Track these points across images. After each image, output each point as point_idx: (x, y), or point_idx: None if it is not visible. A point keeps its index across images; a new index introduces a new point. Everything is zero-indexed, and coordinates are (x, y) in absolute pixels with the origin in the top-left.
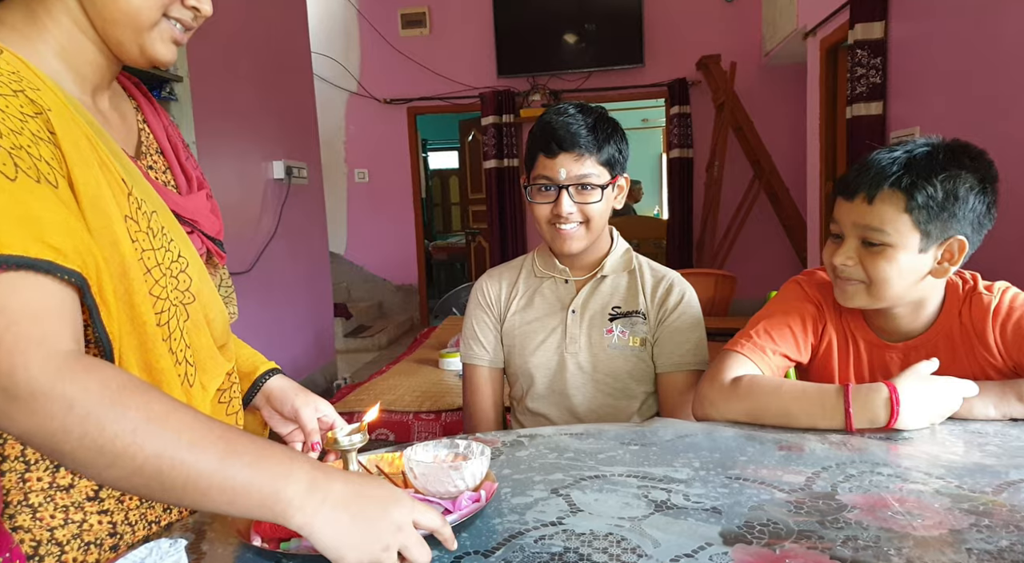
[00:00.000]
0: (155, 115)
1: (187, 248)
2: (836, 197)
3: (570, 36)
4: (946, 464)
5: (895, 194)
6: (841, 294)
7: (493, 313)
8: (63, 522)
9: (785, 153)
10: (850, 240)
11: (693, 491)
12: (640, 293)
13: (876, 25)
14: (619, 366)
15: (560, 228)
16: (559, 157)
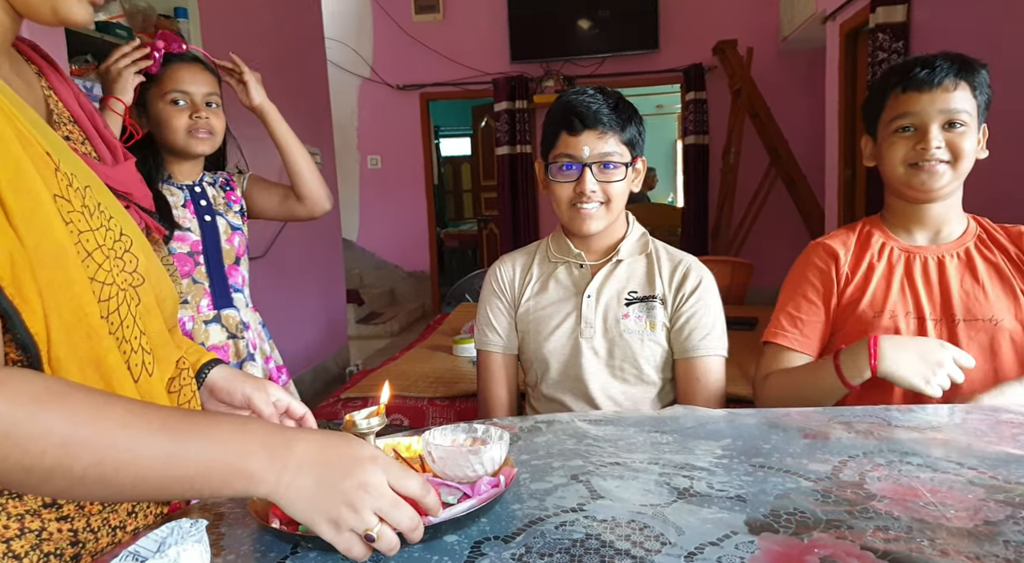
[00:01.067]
0: (62, 81)
1: (128, 225)
2: (898, 94)
3: (584, 21)
4: (978, 454)
5: (966, 83)
6: (929, 178)
7: (507, 299)
8: (19, 532)
9: (802, 140)
10: (932, 127)
11: (716, 479)
12: (657, 277)
13: (898, 8)
14: (635, 351)
15: (581, 208)
16: (583, 135)
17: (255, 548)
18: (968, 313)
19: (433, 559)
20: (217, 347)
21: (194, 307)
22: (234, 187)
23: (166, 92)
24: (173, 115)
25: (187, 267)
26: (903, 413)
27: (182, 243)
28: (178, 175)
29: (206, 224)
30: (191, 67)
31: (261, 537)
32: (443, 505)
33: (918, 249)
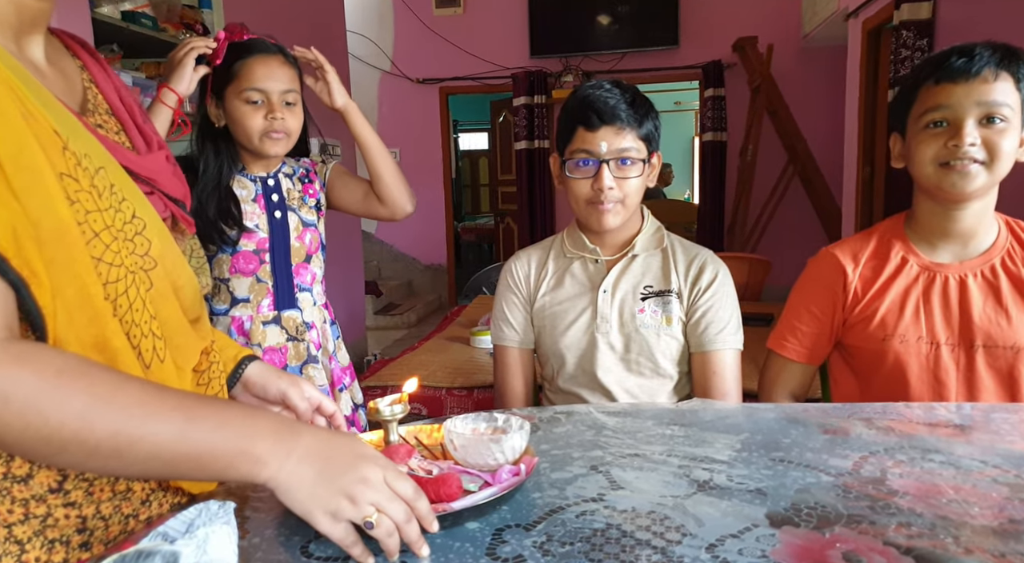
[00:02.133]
0: (105, 76)
1: (143, 208)
2: (931, 86)
3: (604, 17)
4: (1002, 453)
5: (1009, 74)
6: (960, 179)
7: (523, 294)
8: (23, 517)
9: (821, 138)
10: (968, 121)
11: (736, 472)
12: (673, 272)
13: (924, 5)
14: (651, 345)
15: (598, 204)
16: (600, 130)
17: (279, 532)
18: (988, 339)
19: (455, 546)
20: (274, 349)
21: (254, 306)
22: (314, 179)
23: (241, 90)
24: (247, 115)
25: (252, 265)
26: (924, 410)
27: (248, 240)
28: (252, 167)
29: (275, 221)
30: (268, 62)
31: (286, 521)
32: (464, 492)
33: (939, 267)
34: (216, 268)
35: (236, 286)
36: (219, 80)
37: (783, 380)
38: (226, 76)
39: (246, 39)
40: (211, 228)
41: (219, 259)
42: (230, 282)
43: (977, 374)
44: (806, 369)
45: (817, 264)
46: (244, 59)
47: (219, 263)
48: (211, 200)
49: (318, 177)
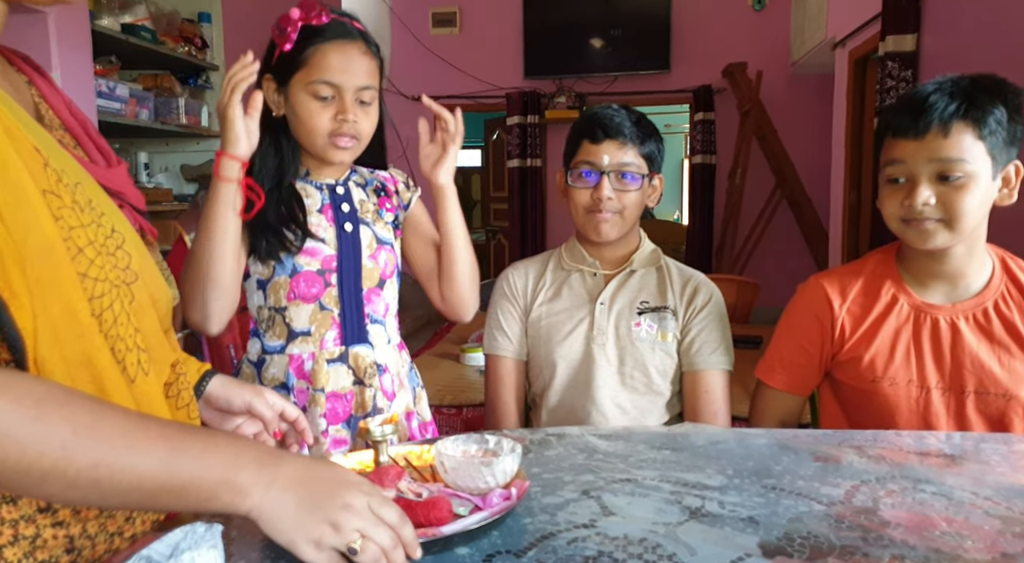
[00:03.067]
0: (53, 90)
1: (120, 222)
2: (889, 138)
3: (597, 40)
4: (993, 484)
5: (967, 124)
6: (919, 235)
7: (519, 304)
8: (12, 539)
9: (809, 163)
10: (923, 179)
11: (728, 499)
12: (669, 289)
13: (908, 38)
14: (646, 360)
15: (596, 214)
16: (604, 144)
17: (264, 555)
18: (979, 385)
19: None
20: (337, 394)
21: (317, 341)
22: (392, 194)
23: (310, 81)
24: (314, 112)
25: (315, 289)
26: (915, 439)
27: (311, 258)
28: (318, 172)
29: (345, 235)
30: (346, 49)
31: (273, 543)
32: (454, 516)
33: (931, 308)
34: (271, 295)
35: (295, 316)
36: (285, 65)
37: (772, 410)
38: (293, 62)
39: (325, 21)
40: (269, 235)
41: (275, 283)
42: (287, 311)
43: (967, 419)
44: (796, 399)
45: (805, 294)
46: (317, 44)
47: (275, 288)
48: (268, 202)
49: (398, 195)
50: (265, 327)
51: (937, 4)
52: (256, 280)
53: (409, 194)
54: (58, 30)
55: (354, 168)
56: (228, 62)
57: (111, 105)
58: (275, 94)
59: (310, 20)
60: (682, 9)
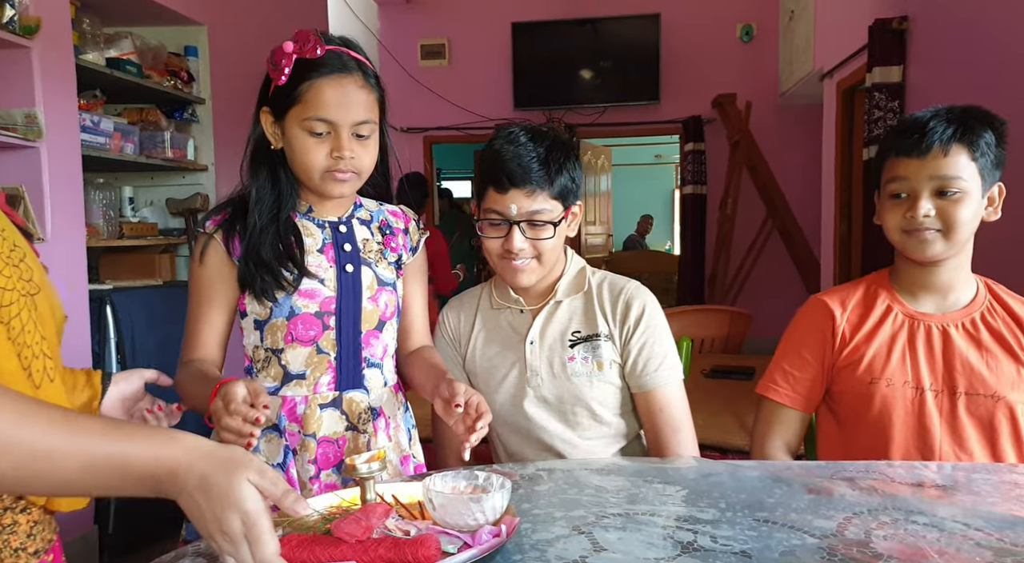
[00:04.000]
0: None
1: (19, 238)
2: (893, 158)
3: (586, 71)
4: (984, 515)
5: (963, 147)
6: (920, 245)
7: (457, 348)
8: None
9: (799, 193)
10: (924, 193)
11: (720, 533)
12: (599, 314)
13: (894, 69)
14: (586, 395)
15: (512, 262)
16: (510, 193)
17: None
18: (970, 387)
19: None
20: (329, 440)
21: (311, 385)
22: (398, 232)
23: (305, 117)
24: (309, 148)
25: (312, 332)
26: (906, 470)
27: (310, 300)
28: (320, 208)
29: (346, 276)
30: (342, 84)
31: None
32: (443, 554)
33: (923, 316)
34: (268, 336)
35: (291, 359)
36: (280, 99)
37: (776, 428)
38: (288, 97)
39: (320, 54)
40: (264, 272)
41: (273, 324)
42: (284, 354)
43: (960, 420)
44: (800, 417)
45: (806, 310)
46: (312, 79)
47: (272, 330)
48: (264, 238)
49: (406, 234)
50: (260, 367)
51: (922, 37)
52: (253, 320)
53: (419, 236)
54: (42, 65)
55: (359, 202)
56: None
57: (96, 139)
58: (272, 126)
59: (304, 53)
60: (671, 41)
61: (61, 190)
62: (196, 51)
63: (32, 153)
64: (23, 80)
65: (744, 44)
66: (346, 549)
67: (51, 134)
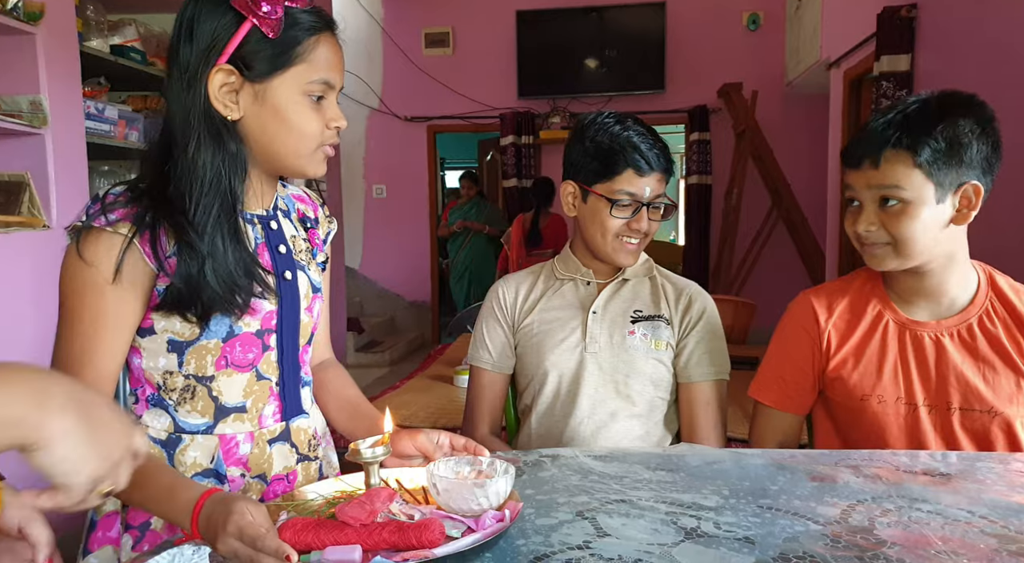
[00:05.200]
0: None
1: None
2: (846, 166)
3: (591, 60)
4: (989, 503)
5: (899, 153)
6: (871, 259)
7: (507, 317)
8: None
9: (805, 183)
10: (867, 204)
11: (724, 519)
12: (663, 299)
13: (902, 58)
14: (639, 368)
15: (627, 242)
16: (648, 176)
17: None
18: (964, 402)
19: None
20: (280, 477)
21: (254, 418)
22: (313, 222)
23: (311, 79)
24: (312, 117)
25: (251, 354)
26: (910, 458)
27: (252, 318)
28: (249, 200)
29: (287, 286)
30: (335, 42)
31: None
32: (447, 539)
33: (916, 325)
34: (192, 360)
35: (225, 388)
36: (267, 56)
37: (769, 431)
38: (283, 54)
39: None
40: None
41: (201, 347)
42: (215, 382)
43: (955, 436)
44: (793, 418)
45: (793, 309)
46: (316, 33)
47: (199, 353)
48: (217, 243)
49: (319, 228)
50: (179, 399)
51: (930, 24)
52: (168, 340)
53: (329, 226)
54: (46, 52)
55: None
56: None
57: (100, 127)
58: (228, 92)
59: (295, 2)
60: (677, 29)
61: (66, 177)
62: None
63: (37, 140)
64: (28, 67)
65: (751, 33)
66: (350, 533)
67: (56, 121)
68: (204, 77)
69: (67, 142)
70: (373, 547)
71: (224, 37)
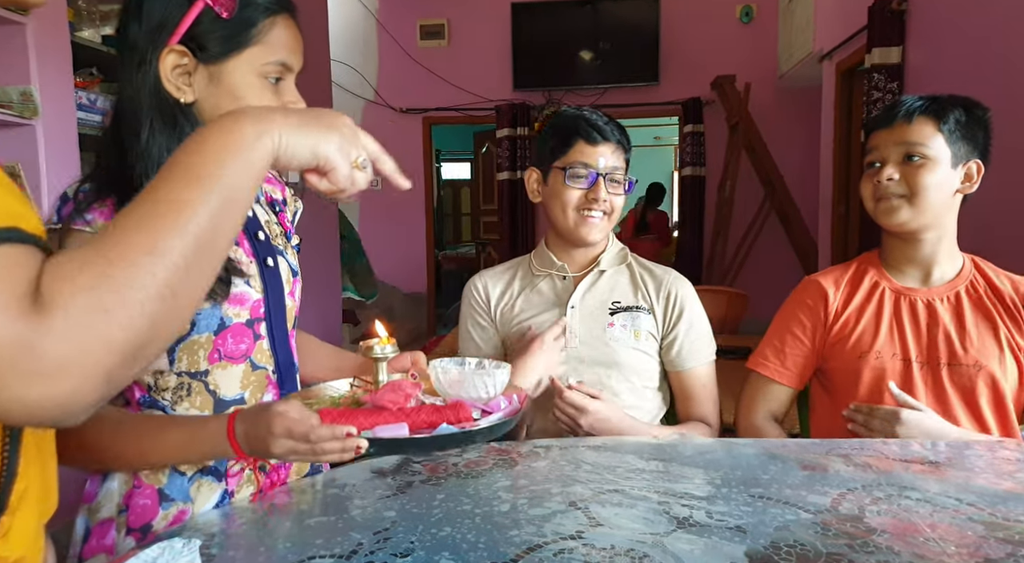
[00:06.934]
0: None
1: None
2: (872, 132)
3: (586, 53)
4: (977, 490)
5: (928, 118)
6: (885, 211)
7: (486, 311)
8: None
9: (797, 175)
10: (892, 159)
11: (716, 508)
12: (641, 288)
13: (893, 50)
14: (621, 360)
15: (588, 215)
16: (601, 146)
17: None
18: (952, 358)
19: None
20: (278, 469)
21: None
22: (284, 208)
23: (267, 61)
24: (269, 100)
25: (243, 345)
26: (900, 446)
27: (240, 307)
28: None
29: (270, 273)
30: (293, 24)
31: (252, 558)
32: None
33: (909, 290)
34: (185, 357)
35: (221, 381)
36: (220, 37)
37: (762, 399)
38: (240, 35)
39: None
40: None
41: (192, 343)
42: (210, 376)
43: (944, 391)
44: (787, 391)
45: (801, 290)
46: (273, 14)
47: (191, 349)
48: None
49: (287, 209)
50: (173, 398)
51: (921, 17)
52: None
53: (296, 205)
54: (37, 42)
55: None
56: None
57: (92, 118)
58: (181, 74)
59: None
60: (671, 22)
61: (57, 168)
62: None
63: (28, 131)
64: (18, 57)
65: (744, 25)
66: (388, 416)
67: (47, 112)
68: (154, 58)
69: (58, 133)
70: (415, 426)
71: (175, 16)
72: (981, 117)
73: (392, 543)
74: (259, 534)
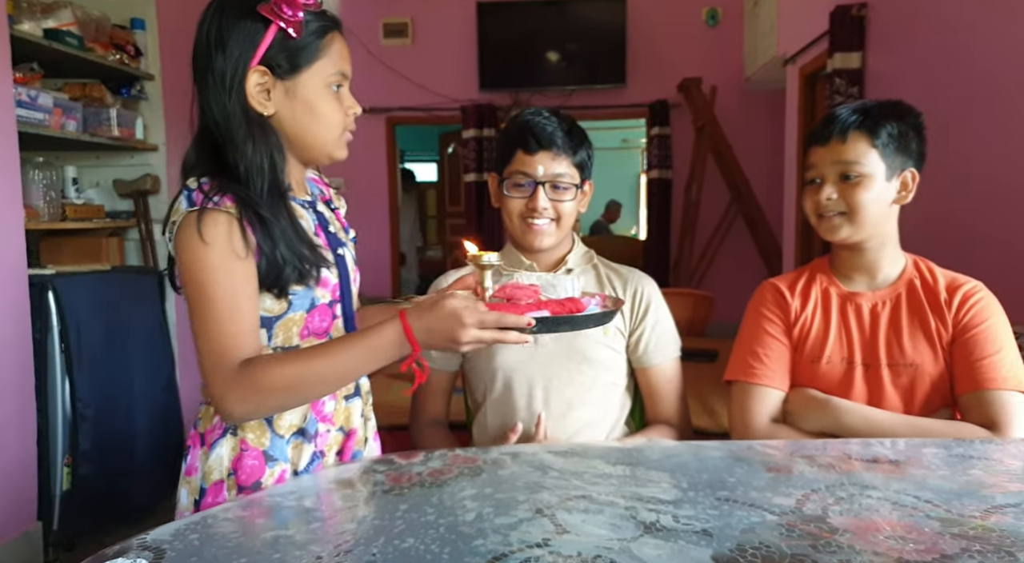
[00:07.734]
0: None
1: None
2: (809, 148)
3: (552, 53)
4: (933, 488)
5: (862, 134)
6: (828, 229)
7: None
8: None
9: (763, 178)
10: (829, 178)
11: (682, 512)
12: (608, 287)
13: (854, 55)
14: (591, 356)
15: (533, 223)
16: (538, 154)
17: None
18: (891, 358)
19: None
20: (354, 431)
21: None
22: (332, 203)
23: (333, 71)
24: (335, 106)
25: (325, 323)
26: (862, 446)
27: (325, 289)
28: (293, 187)
29: (340, 260)
30: (342, 38)
31: None
32: None
33: (854, 295)
34: (280, 333)
35: None
36: (293, 54)
37: (761, 406)
38: (307, 50)
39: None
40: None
41: (289, 320)
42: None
43: (885, 392)
44: (778, 394)
45: (762, 293)
46: (331, 31)
47: (287, 326)
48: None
49: (340, 207)
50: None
51: (880, 24)
52: (260, 317)
53: (342, 204)
54: None
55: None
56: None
57: (33, 115)
58: (263, 91)
59: (310, 5)
60: (637, 24)
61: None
62: (143, 24)
63: None
64: None
65: (710, 28)
66: (530, 307)
67: None
68: (242, 81)
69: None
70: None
71: (254, 42)
72: (914, 124)
73: (353, 556)
74: (213, 550)
